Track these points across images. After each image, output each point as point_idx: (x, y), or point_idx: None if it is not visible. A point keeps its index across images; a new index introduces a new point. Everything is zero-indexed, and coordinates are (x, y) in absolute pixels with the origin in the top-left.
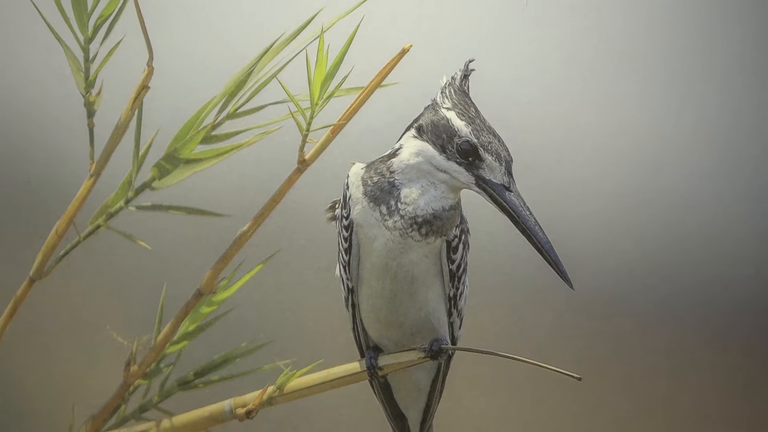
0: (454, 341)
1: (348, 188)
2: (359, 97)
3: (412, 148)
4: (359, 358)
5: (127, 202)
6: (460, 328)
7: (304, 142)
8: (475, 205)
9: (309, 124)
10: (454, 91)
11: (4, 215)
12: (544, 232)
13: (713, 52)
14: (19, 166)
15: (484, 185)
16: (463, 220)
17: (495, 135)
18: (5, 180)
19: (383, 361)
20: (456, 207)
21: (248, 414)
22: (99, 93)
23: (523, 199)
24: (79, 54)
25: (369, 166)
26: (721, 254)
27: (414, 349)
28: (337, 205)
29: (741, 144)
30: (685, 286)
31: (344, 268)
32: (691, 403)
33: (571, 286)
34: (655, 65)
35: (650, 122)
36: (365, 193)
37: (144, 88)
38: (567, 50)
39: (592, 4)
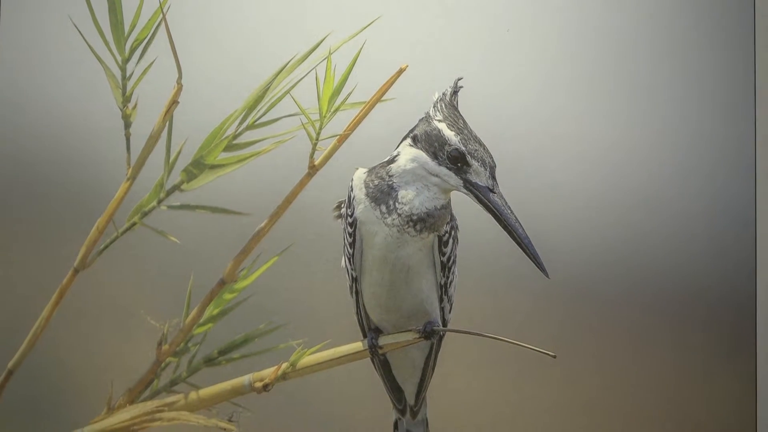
0: (444, 323)
1: (352, 190)
2: (362, 110)
3: (408, 155)
4: (362, 338)
5: (159, 202)
6: (450, 312)
7: (313, 149)
8: (463, 205)
9: (318, 134)
10: (445, 105)
11: (52, 214)
12: (523, 229)
13: (673, 78)
14: (65, 170)
15: (470, 187)
16: (452, 218)
17: (480, 144)
18: (52, 183)
19: (383, 341)
20: (446, 206)
21: (265, 387)
22: (134, 107)
23: (505, 200)
24: (117, 73)
25: (370, 171)
26: (678, 248)
27: (410, 330)
28: (342, 205)
29: (696, 154)
30: (647, 276)
31: (349, 259)
32: (651, 376)
33: (546, 275)
34: (622, 85)
35: (617, 135)
36: (367, 195)
37: (174, 102)
38: (544, 71)
39: (566, 31)
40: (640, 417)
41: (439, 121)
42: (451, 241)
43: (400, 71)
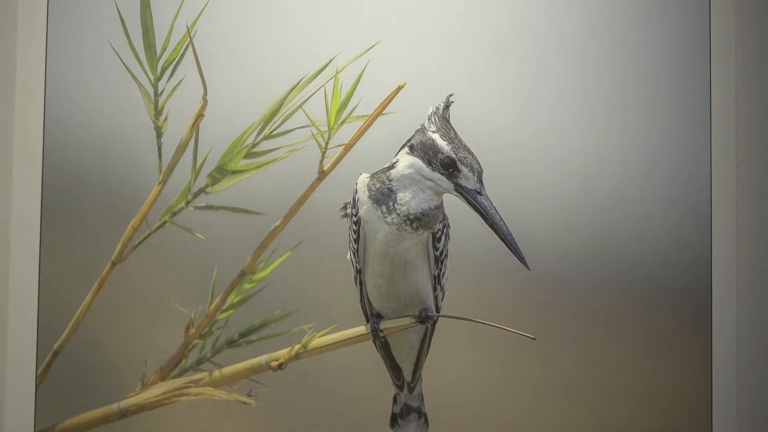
0: (438, 310)
1: (357, 193)
2: (365, 123)
3: (406, 162)
4: (365, 323)
5: (187, 203)
6: (442, 299)
7: (323, 157)
8: (454, 206)
9: (327, 143)
10: (438, 118)
11: (93, 214)
12: (507, 227)
13: (639, 95)
14: (105, 176)
15: (461, 190)
16: (444, 217)
17: (469, 152)
18: (94, 187)
19: (384, 325)
20: (439, 207)
21: (280, 366)
22: (165, 120)
23: (491, 202)
24: (150, 90)
25: (373, 176)
26: (644, 244)
27: (407, 316)
28: (348, 206)
29: (659, 161)
30: (617, 268)
31: (353, 254)
32: (620, 355)
33: (527, 267)
34: (595, 102)
35: (591, 145)
36: (370, 197)
37: (200, 116)
38: (526, 89)
39: (545, 54)
40: (611, 391)
41: (433, 132)
42: (443, 237)
43: (399, 88)
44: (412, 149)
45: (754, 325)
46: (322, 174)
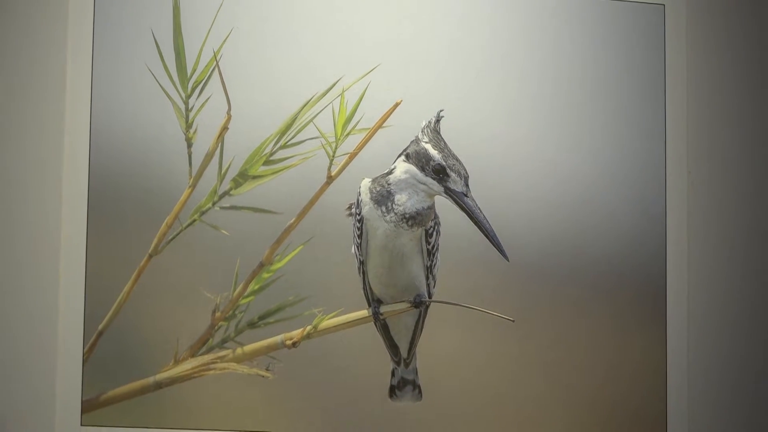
0: (430, 296)
1: (360, 195)
2: (367, 135)
3: (402, 168)
4: (367, 307)
5: (214, 204)
6: (434, 287)
7: (331, 164)
8: (444, 206)
9: (334, 152)
10: (430, 130)
11: (131, 213)
12: (489, 224)
13: (604, 111)
14: (143, 180)
15: (450, 193)
16: (436, 216)
17: (457, 159)
18: (134, 190)
19: (383, 309)
20: (431, 207)
21: (294, 344)
22: (195, 132)
23: (476, 203)
24: (182, 106)
25: (374, 180)
26: (608, 240)
27: (404, 301)
28: (352, 206)
29: (621, 168)
30: (585, 261)
31: (357, 247)
32: (588, 336)
33: (507, 259)
34: (567, 117)
35: (563, 154)
36: (371, 198)
37: (225, 128)
38: (506, 105)
39: (524, 75)
40: (580, 366)
41: (426, 142)
42: (434, 233)
43: (396, 105)
44: (408, 157)
45: (703, 310)
46: (330, 179)
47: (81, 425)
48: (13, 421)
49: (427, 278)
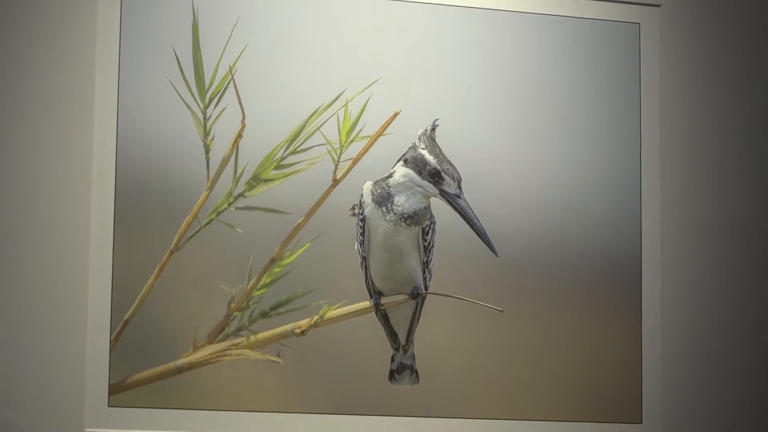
0: (426, 288)
1: (362, 197)
2: (369, 141)
3: (401, 172)
4: (369, 299)
5: (229, 204)
6: (430, 280)
7: (336, 168)
8: (439, 207)
9: (339, 157)
10: (426, 138)
11: (154, 213)
12: (480, 223)
13: (585, 122)
14: (165, 183)
15: (444, 194)
16: (432, 216)
17: (451, 164)
18: (158, 192)
19: (384, 300)
20: (427, 208)
21: (302, 332)
22: (212, 139)
23: (468, 203)
24: (200, 115)
25: (375, 183)
26: (588, 238)
27: (402, 293)
28: (355, 207)
29: (601, 172)
30: (566, 257)
31: (360, 244)
32: (570, 325)
33: (496, 255)
34: (551, 125)
35: (547, 160)
36: (373, 199)
37: (239, 136)
38: (497, 116)
39: (513, 88)
40: (562, 353)
41: (422, 148)
42: (430, 231)
43: (395, 115)
44: (406, 162)
45: (675, 302)
46: (335, 182)
47: (108, 406)
48: (47, 402)
49: (424, 272)
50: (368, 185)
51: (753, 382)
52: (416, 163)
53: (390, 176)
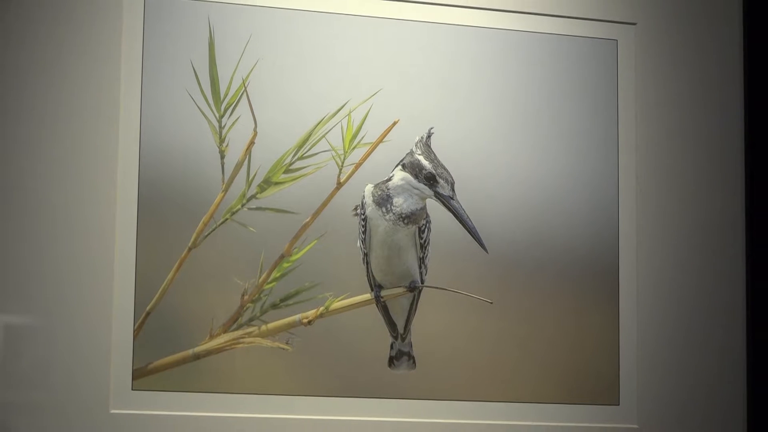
0: (422, 282)
1: (364, 198)
2: (370, 148)
3: (399, 176)
4: (370, 291)
5: (242, 205)
6: (425, 274)
7: (340, 172)
8: (434, 207)
9: (342, 162)
10: (422, 144)
11: (174, 214)
12: (471, 222)
13: (567, 129)
14: (185, 187)
15: (438, 196)
16: (427, 216)
17: (445, 168)
18: (179, 194)
19: (383, 293)
20: (423, 208)
21: (309, 322)
22: (227, 145)
23: (460, 204)
24: (216, 124)
25: (376, 186)
26: (573, 235)
27: (400, 287)
28: (357, 208)
29: (583, 176)
30: (550, 253)
31: (362, 242)
32: (554, 315)
33: (486, 251)
34: (536, 133)
35: (533, 165)
36: (373, 201)
37: (252, 143)
38: (487, 124)
39: (500, 99)
40: (547, 341)
41: (419, 154)
42: (426, 230)
43: (394, 123)
44: (404, 167)
45: (650, 292)
46: (339, 185)
47: (132, 390)
48: (76, 386)
49: (420, 267)
50: (369, 188)
51: (722, 366)
52: (413, 168)
53: (389, 179)
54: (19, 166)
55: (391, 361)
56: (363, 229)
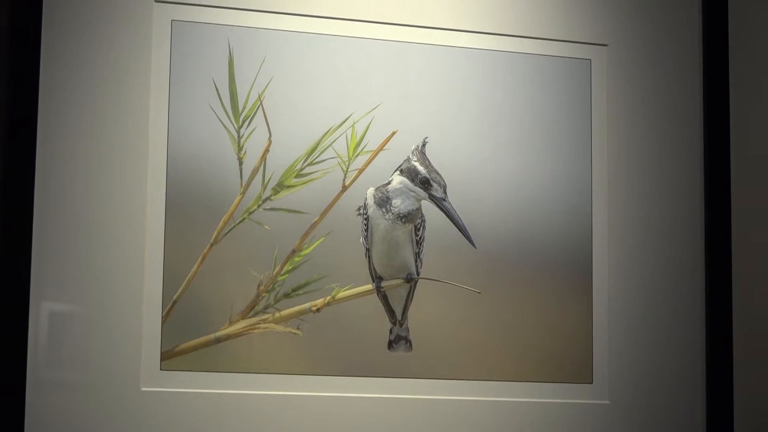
0: (418, 274)
1: (366, 200)
2: (371, 155)
3: (397, 180)
4: (371, 282)
5: (258, 206)
6: (421, 267)
7: (345, 176)
8: (429, 208)
9: (347, 168)
10: (418, 152)
11: (197, 213)
12: (461, 221)
13: (546, 137)
14: (205, 189)
15: (432, 198)
16: (422, 215)
17: (438, 173)
18: (198, 197)
19: (383, 284)
20: (419, 209)
21: (317, 310)
22: (244, 153)
23: (452, 205)
24: (235, 134)
25: (377, 189)
26: (552, 233)
27: (399, 278)
28: (360, 209)
29: (561, 179)
30: (531, 248)
31: (364, 238)
32: (536, 304)
33: (474, 246)
34: (520, 142)
35: (517, 171)
36: (374, 202)
37: (267, 151)
38: (476, 134)
39: (488, 112)
40: (530, 328)
41: (415, 161)
42: (421, 228)
43: (393, 133)
44: (402, 172)
45: (620, 283)
46: (344, 188)
47: (160, 370)
48: (110, 367)
49: (416, 261)
50: (371, 191)
51: (684, 349)
52: (410, 173)
53: (389, 183)
54: (63, 173)
55: (390, 344)
56: (365, 227)
